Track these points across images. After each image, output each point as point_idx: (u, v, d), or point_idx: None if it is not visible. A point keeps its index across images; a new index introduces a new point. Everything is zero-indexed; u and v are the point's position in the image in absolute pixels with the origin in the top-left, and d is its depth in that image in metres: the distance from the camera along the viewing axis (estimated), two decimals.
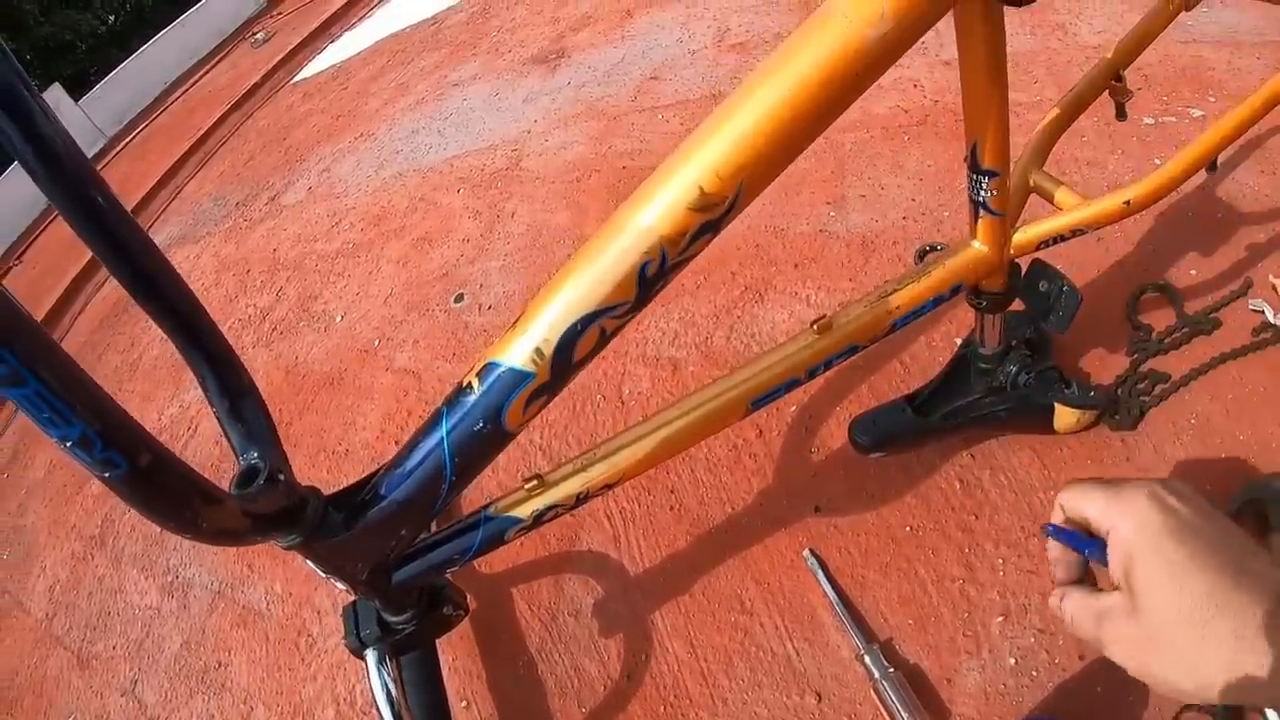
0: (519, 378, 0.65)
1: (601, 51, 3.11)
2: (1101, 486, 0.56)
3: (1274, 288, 1.26)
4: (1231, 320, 1.25)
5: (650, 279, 0.62)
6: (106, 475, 0.55)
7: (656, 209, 0.61)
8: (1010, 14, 0.62)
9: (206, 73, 7.28)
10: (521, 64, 3.36)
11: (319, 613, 1.51)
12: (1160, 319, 1.29)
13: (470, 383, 0.68)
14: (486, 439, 0.69)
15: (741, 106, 0.60)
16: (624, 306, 0.63)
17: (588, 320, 0.63)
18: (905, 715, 0.97)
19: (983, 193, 0.85)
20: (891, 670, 1.02)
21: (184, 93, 7.03)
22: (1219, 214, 1.42)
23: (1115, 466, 1.14)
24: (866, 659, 1.04)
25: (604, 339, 0.65)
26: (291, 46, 5.78)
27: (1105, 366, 1.26)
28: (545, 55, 3.31)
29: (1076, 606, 0.57)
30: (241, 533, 0.68)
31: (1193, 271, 1.35)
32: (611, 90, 2.78)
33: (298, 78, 5.26)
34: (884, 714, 1.00)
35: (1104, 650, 0.53)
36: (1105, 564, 0.55)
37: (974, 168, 0.83)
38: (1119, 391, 1.22)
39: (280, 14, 7.83)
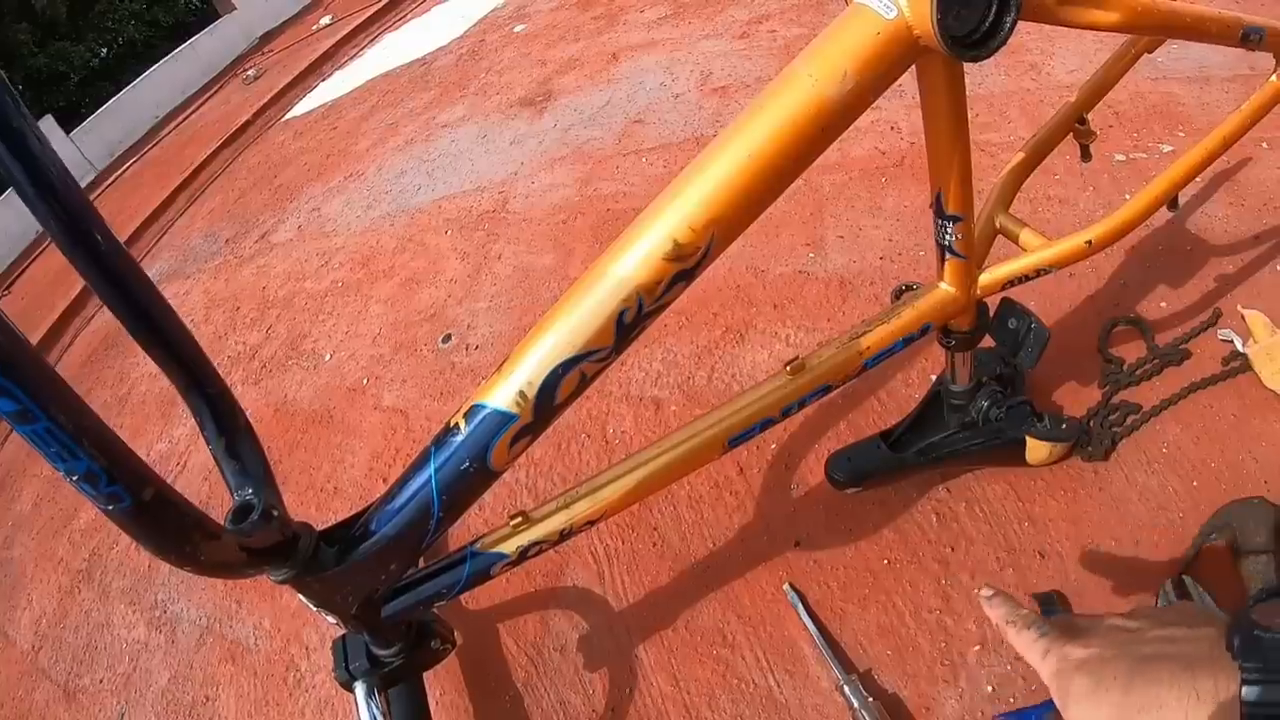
0: (504, 419, 0.68)
1: (588, 94, 3.16)
2: (1034, 641, 0.58)
3: (1243, 318, 1.29)
4: (1201, 350, 1.29)
5: (628, 325, 0.66)
6: (110, 509, 0.57)
7: (633, 259, 0.64)
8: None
9: (198, 108, 7.33)
10: (509, 106, 3.41)
11: (307, 649, 1.51)
12: (1131, 351, 1.32)
13: (457, 423, 0.70)
14: (473, 477, 0.71)
15: (712, 163, 0.63)
16: (603, 352, 0.66)
17: (569, 365, 0.66)
18: None
19: (948, 237, 0.88)
20: (871, 700, 1.03)
21: (175, 128, 7.07)
22: (1188, 246, 1.45)
23: (1089, 497, 1.17)
24: (846, 690, 1.05)
25: (585, 382, 0.68)
26: (283, 84, 5.84)
27: (1078, 399, 1.30)
28: (533, 98, 3.36)
29: None
30: (237, 566, 0.71)
31: (1163, 304, 1.38)
32: (597, 133, 2.82)
33: (289, 115, 5.30)
34: None
35: None
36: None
37: (939, 214, 0.87)
38: (1091, 423, 1.24)
39: (272, 51, 7.90)
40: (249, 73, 7.19)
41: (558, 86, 3.36)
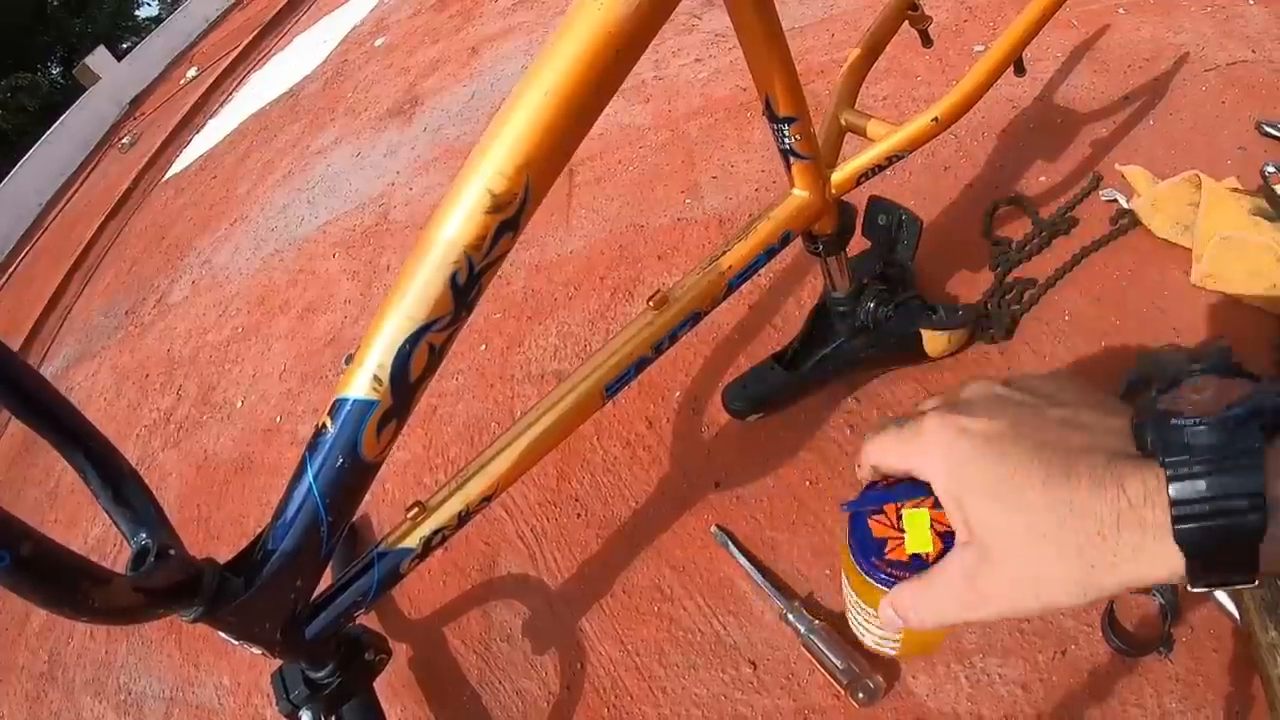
0: (365, 407, 0.67)
1: (453, 92, 3.15)
2: (894, 432, 0.50)
3: (1123, 175, 1.31)
4: (1088, 215, 1.31)
5: (463, 288, 0.65)
6: None
7: (455, 221, 0.63)
8: None
9: (79, 187, 7.14)
10: (379, 119, 3.38)
11: (269, 696, 1.48)
12: (1018, 230, 1.34)
13: (324, 423, 0.69)
14: (349, 474, 0.70)
15: (516, 108, 0.62)
16: (445, 319, 0.65)
17: (414, 339, 0.65)
18: (839, 663, 0.99)
19: (787, 140, 0.88)
20: (817, 623, 1.04)
21: (59, 211, 6.88)
22: (1059, 119, 1.48)
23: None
24: (791, 618, 1.06)
25: (435, 353, 0.67)
26: (158, 145, 5.72)
27: (973, 286, 1.31)
28: (400, 106, 3.34)
29: (925, 592, 0.47)
30: (138, 609, 0.68)
31: (1042, 178, 1.40)
32: (466, 128, 2.82)
33: (169, 174, 5.19)
34: (819, 667, 1.02)
35: (978, 614, 0.45)
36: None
37: (772, 119, 0.86)
38: (987, 306, 1.25)
39: (144, 114, 7.74)
40: (124, 140, 7.02)
41: (423, 90, 3.34)
